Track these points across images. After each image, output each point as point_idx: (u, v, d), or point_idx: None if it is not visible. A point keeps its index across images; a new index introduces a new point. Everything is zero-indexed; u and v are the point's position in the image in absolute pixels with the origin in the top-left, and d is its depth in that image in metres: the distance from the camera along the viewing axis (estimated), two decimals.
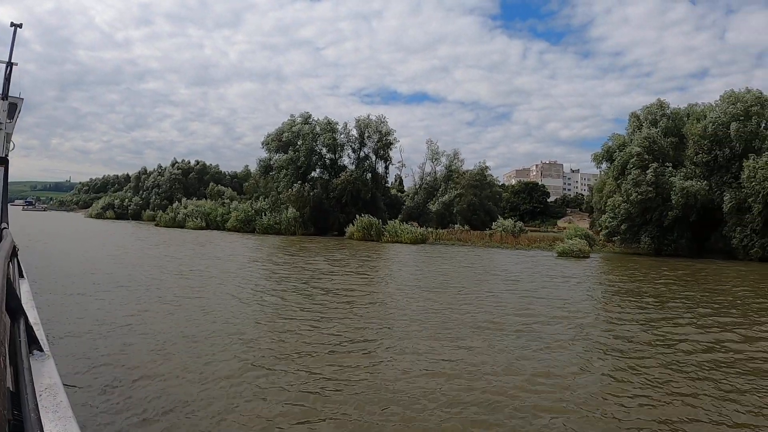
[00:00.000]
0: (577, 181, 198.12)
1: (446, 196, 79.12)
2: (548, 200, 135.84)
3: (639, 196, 40.77)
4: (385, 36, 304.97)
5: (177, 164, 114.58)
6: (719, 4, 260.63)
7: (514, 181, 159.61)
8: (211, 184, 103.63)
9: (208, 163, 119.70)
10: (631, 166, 42.09)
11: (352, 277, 25.19)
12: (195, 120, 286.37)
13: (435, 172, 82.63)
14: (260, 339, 12.71)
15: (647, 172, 41.09)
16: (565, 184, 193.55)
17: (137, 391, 9.00)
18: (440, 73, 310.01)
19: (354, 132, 69.02)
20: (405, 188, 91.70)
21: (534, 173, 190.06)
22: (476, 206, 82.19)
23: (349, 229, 54.49)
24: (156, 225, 76.93)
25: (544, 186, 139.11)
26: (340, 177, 64.36)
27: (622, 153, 43.55)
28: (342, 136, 68.81)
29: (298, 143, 66.48)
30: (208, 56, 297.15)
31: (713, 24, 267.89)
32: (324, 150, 68.35)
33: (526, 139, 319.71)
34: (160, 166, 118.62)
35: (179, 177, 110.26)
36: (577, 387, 9.86)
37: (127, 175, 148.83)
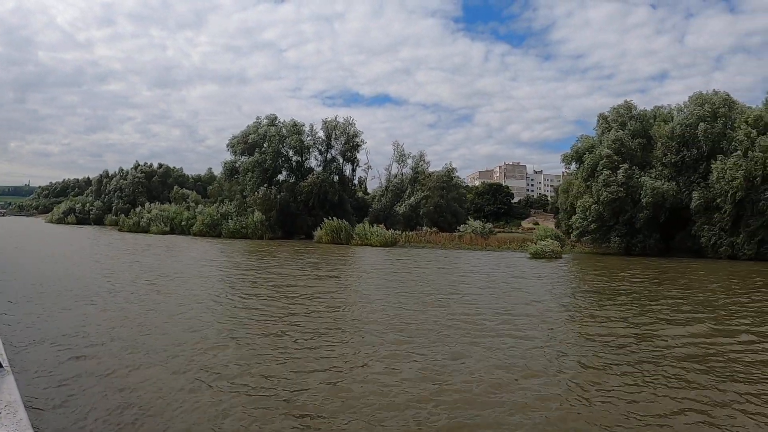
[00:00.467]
0: (540, 182, 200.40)
1: (413, 198, 78.62)
2: (512, 201, 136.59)
3: (609, 196, 40.90)
4: (347, 38, 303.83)
5: (140, 167, 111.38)
6: (679, 8, 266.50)
7: (477, 183, 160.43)
8: (176, 187, 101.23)
9: (171, 166, 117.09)
10: (602, 167, 42.12)
11: (328, 281, 24.52)
12: (156, 122, 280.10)
13: (402, 174, 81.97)
14: (239, 349, 11.91)
15: (617, 172, 41.22)
16: (528, 185, 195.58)
17: (105, 408, 8.21)
18: (402, 75, 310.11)
19: (321, 134, 67.88)
20: (369, 190, 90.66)
21: (497, 174, 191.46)
22: (443, 208, 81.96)
23: (318, 232, 53.26)
24: (119, 230, 74.31)
25: (507, 187, 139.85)
26: (307, 179, 63.00)
27: (591, 155, 43.61)
28: (309, 138, 67.53)
29: (264, 145, 64.98)
30: (171, 57, 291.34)
31: (673, 27, 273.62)
32: (290, 152, 66.84)
33: (488, 141, 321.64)
34: (122, 170, 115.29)
35: (142, 180, 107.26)
36: (566, 385, 9.59)
37: (88, 178, 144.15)
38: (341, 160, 67.93)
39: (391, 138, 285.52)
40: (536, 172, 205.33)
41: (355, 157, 68.16)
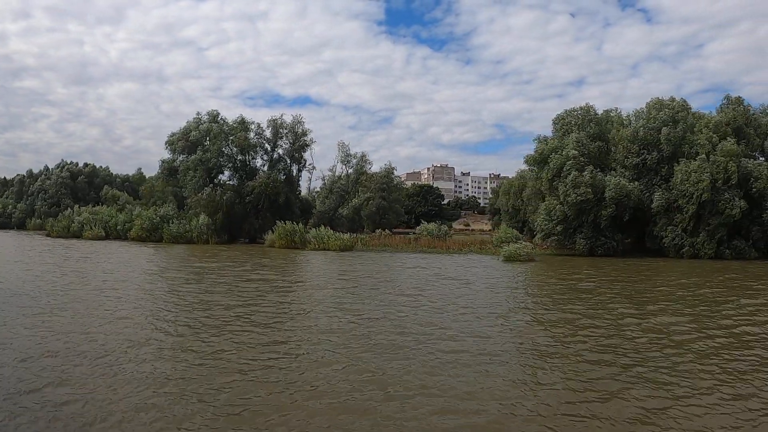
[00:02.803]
0: (468, 184, 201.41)
1: (355, 199, 75.71)
2: (442, 203, 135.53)
3: (578, 197, 39.34)
4: (270, 38, 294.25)
5: (66, 166, 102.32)
6: (598, 18, 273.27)
7: (406, 184, 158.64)
8: (106, 187, 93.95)
9: (97, 166, 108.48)
10: (569, 168, 40.49)
11: (305, 291, 21.50)
12: (73, 121, 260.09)
13: (348, 175, 78.56)
14: (193, 376, 9.57)
15: (584, 173, 39.71)
16: (456, 186, 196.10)
17: None
18: (324, 77, 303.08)
19: (267, 132, 63.34)
20: (306, 191, 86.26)
21: (425, 176, 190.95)
22: (386, 209, 79.55)
23: (270, 236, 48.96)
24: (48, 235, 66.30)
25: (438, 189, 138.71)
26: (256, 179, 58.32)
27: (557, 155, 41.86)
28: (255, 136, 63.00)
29: (207, 143, 59.94)
30: (88, 54, 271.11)
31: (592, 36, 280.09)
32: (234, 150, 61.81)
33: (409, 143, 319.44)
34: (47, 168, 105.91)
35: (67, 181, 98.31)
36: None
37: (5, 179, 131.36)
38: (288, 160, 63.72)
39: (312, 139, 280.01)
40: (464, 174, 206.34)
41: (302, 157, 64.12)
